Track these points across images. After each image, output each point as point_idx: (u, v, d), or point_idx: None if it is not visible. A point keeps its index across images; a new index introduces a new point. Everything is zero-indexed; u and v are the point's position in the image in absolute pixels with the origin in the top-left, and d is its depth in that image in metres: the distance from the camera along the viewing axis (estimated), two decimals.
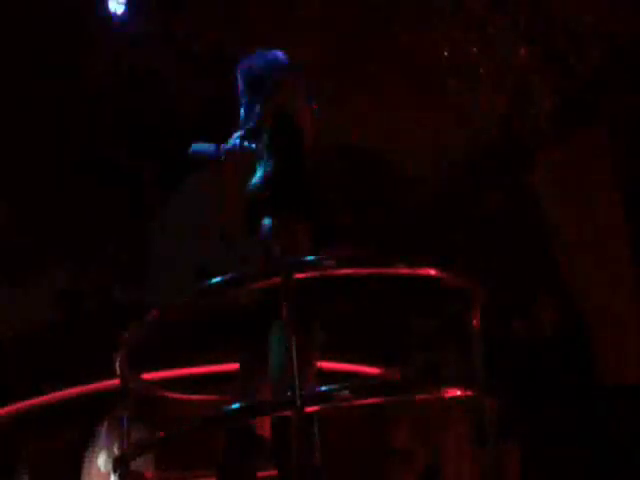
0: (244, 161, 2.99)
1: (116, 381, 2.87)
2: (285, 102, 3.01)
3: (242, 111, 3.10)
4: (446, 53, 5.54)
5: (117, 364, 2.80)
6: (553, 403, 5.59)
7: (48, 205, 6.22)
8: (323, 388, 2.47)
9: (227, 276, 2.47)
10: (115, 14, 5.34)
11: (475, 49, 5.66)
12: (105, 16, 5.40)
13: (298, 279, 2.41)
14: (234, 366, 3.14)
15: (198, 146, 3.09)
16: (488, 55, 5.73)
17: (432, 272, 2.61)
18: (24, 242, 6.18)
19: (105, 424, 5.27)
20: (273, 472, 2.95)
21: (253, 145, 2.98)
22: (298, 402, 2.29)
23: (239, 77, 3.13)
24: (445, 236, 6.49)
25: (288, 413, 2.35)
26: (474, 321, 2.72)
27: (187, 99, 5.83)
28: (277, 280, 2.39)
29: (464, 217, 6.55)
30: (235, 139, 3.02)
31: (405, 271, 2.62)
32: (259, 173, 2.97)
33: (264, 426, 2.81)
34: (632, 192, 5.91)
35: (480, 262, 6.08)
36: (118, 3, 5.32)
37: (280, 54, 3.16)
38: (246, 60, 3.17)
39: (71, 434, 5.71)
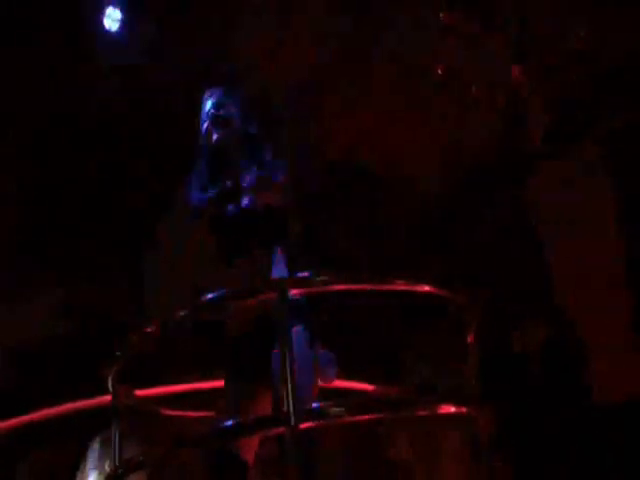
0: None
1: (108, 397, 2.86)
2: None
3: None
4: (440, 72, 5.57)
5: (109, 381, 2.79)
6: (545, 419, 5.59)
7: (47, 221, 6.23)
8: (317, 405, 2.46)
9: (223, 292, 2.47)
10: (110, 31, 5.36)
11: (469, 66, 5.69)
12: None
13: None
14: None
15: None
16: (481, 72, 5.77)
17: (426, 288, 2.62)
18: (24, 258, 6.18)
19: (97, 441, 5.24)
20: None
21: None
22: (292, 419, 2.28)
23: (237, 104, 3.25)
24: (438, 252, 6.50)
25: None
26: (469, 337, 2.72)
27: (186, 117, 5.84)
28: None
29: (457, 233, 6.57)
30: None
31: (400, 287, 2.63)
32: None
33: (250, 447, 2.80)
34: (627, 207, 5.93)
35: (475, 278, 6.08)
36: (113, 20, 5.33)
37: None
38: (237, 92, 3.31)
39: (63, 451, 5.68)
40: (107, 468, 4.83)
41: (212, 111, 3.23)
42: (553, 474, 5.44)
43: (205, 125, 3.24)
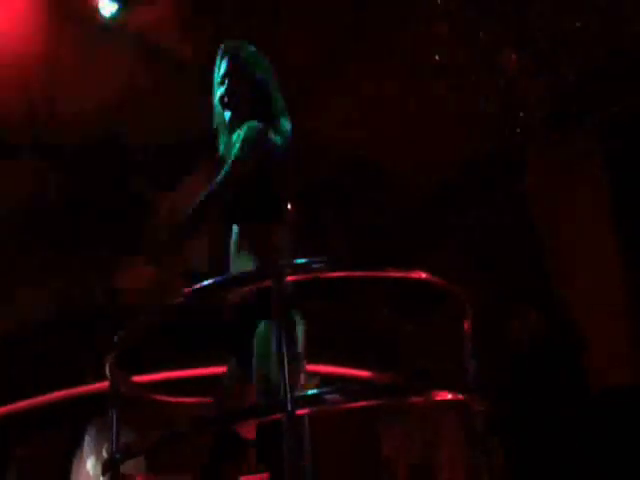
0: None
1: (105, 383, 2.86)
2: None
3: (220, 91, 3.00)
4: (437, 57, 5.56)
5: (107, 366, 2.79)
6: (541, 407, 5.61)
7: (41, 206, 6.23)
8: (314, 391, 2.47)
9: (218, 278, 2.47)
10: (107, 13, 5.32)
11: (465, 54, 5.68)
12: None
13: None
14: (223, 368, 3.13)
15: None
16: (478, 61, 5.75)
17: (423, 275, 2.62)
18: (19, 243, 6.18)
19: (94, 427, 5.25)
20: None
21: None
22: (289, 405, 2.28)
23: (228, 58, 3.03)
24: (434, 242, 6.50)
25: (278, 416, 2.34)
26: (465, 325, 2.72)
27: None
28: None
29: (453, 224, 6.57)
30: None
31: (396, 274, 2.62)
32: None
33: (249, 428, 2.81)
34: (622, 199, 5.93)
35: (470, 267, 6.09)
36: (110, 2, 5.29)
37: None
38: (237, 45, 3.09)
39: (60, 437, 5.68)
40: (104, 454, 4.85)
41: (221, 89, 2.98)
42: (551, 462, 5.45)
43: (216, 98, 3.01)
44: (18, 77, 5.50)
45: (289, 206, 2.93)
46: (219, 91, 3.01)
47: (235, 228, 2.91)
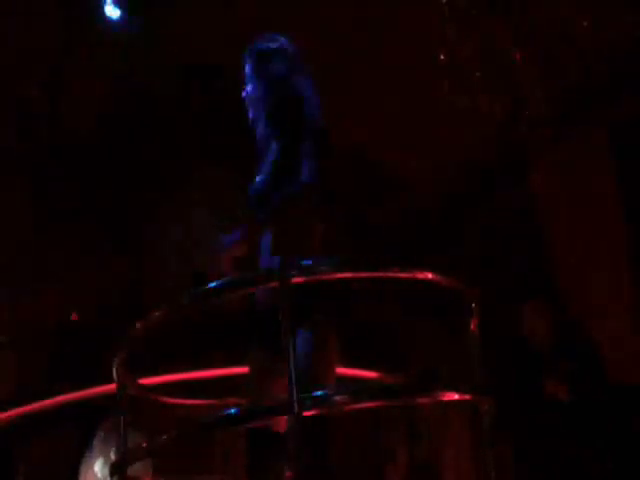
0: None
1: (113, 386, 2.86)
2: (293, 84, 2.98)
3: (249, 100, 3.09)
4: (442, 57, 5.54)
5: (114, 368, 2.80)
6: (549, 406, 5.60)
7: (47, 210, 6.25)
8: (321, 392, 2.46)
9: (224, 280, 2.47)
10: (111, 18, 5.33)
11: (472, 51, 5.67)
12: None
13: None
14: (231, 370, 3.12)
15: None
16: (485, 57, 5.74)
17: (429, 276, 2.61)
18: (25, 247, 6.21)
19: (102, 429, 5.26)
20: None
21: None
22: (296, 407, 2.28)
23: (247, 61, 3.12)
24: (441, 241, 6.49)
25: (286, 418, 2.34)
26: (472, 325, 2.72)
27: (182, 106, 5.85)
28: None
29: (460, 222, 6.56)
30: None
31: (403, 275, 2.62)
32: (262, 170, 2.96)
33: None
34: (632, 194, 5.92)
35: (479, 264, 6.09)
36: (114, 8, 5.31)
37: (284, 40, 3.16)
38: (252, 45, 3.16)
39: (68, 439, 5.69)
40: (112, 456, 4.85)
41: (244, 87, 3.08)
42: (559, 462, 5.44)
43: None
44: None
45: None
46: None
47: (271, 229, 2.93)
